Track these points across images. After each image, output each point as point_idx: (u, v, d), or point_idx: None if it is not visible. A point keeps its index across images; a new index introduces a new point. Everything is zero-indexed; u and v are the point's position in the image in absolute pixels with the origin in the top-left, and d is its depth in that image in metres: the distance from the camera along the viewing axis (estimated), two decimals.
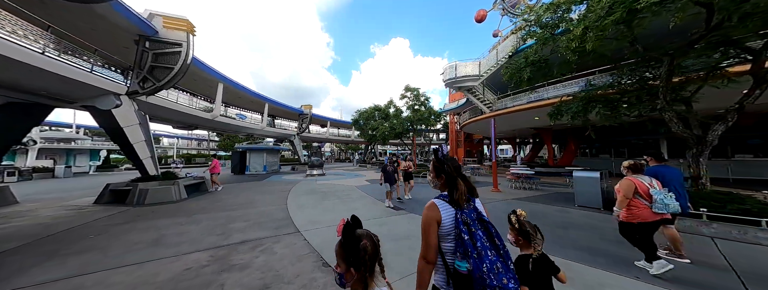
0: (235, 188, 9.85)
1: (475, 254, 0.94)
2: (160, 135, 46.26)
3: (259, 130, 19.67)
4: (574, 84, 8.91)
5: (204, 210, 5.78)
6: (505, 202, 6.30)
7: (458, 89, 12.51)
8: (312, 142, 36.60)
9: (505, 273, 0.94)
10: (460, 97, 28.03)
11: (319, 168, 14.82)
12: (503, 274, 0.93)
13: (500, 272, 0.93)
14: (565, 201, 6.12)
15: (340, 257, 0.89)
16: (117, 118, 7.27)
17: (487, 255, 0.94)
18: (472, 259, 0.94)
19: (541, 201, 6.21)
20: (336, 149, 52.94)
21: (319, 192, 8.41)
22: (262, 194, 8.08)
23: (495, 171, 7.60)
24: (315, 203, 6.53)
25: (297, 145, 24.98)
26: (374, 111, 24.83)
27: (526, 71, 5.74)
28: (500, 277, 0.92)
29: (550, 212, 5.14)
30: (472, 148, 26.93)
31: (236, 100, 18.66)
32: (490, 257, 0.94)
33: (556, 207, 5.58)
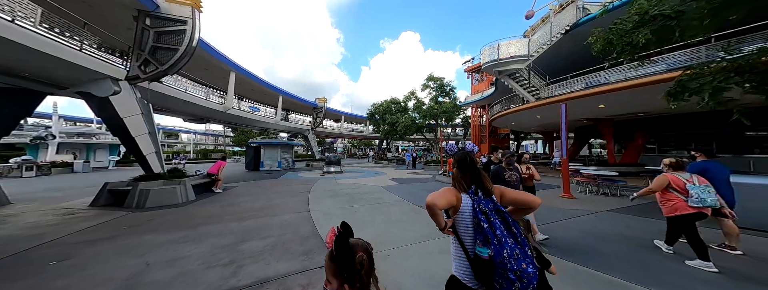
0: (250, 187, 8.82)
1: (495, 241, 0.98)
2: (178, 130, 47.26)
3: (273, 124, 18.77)
4: (662, 62, 7.00)
5: (212, 219, 4.65)
6: (595, 215, 4.70)
7: (500, 74, 10.75)
8: (325, 137, 35.77)
9: (523, 259, 0.97)
10: (484, 88, 25.84)
11: (336, 165, 13.66)
12: (522, 260, 0.97)
13: (519, 258, 0.97)
14: None
15: (331, 272, 0.81)
16: (116, 107, 6.28)
17: (507, 242, 0.98)
18: (493, 245, 0.98)
19: (647, 214, 4.59)
20: (348, 144, 52.11)
21: (343, 194, 7.17)
22: (279, 196, 6.94)
23: (566, 172, 5.99)
24: (344, 211, 5.27)
25: (312, 140, 24.05)
26: (391, 104, 23.38)
27: (641, 34, 4.04)
28: (519, 262, 0.96)
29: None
30: (497, 144, 24.89)
31: (249, 92, 17.76)
32: (510, 244, 0.99)
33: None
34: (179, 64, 6.95)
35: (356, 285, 0.78)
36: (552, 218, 4.41)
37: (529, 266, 0.95)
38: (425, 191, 7.76)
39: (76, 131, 21.38)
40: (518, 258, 0.96)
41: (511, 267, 0.94)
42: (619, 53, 4.45)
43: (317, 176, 12.48)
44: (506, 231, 1.01)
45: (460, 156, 1.23)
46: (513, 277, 0.93)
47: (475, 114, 26.63)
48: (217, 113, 13.03)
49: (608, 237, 3.57)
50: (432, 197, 1.08)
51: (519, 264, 0.94)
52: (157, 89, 8.16)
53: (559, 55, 10.46)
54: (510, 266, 0.94)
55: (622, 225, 4.09)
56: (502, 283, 0.95)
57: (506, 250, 0.96)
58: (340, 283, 0.79)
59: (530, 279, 0.94)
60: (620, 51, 4.38)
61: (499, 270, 0.95)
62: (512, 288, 0.94)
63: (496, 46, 10.11)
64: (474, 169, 1.17)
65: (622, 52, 4.48)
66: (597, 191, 6.40)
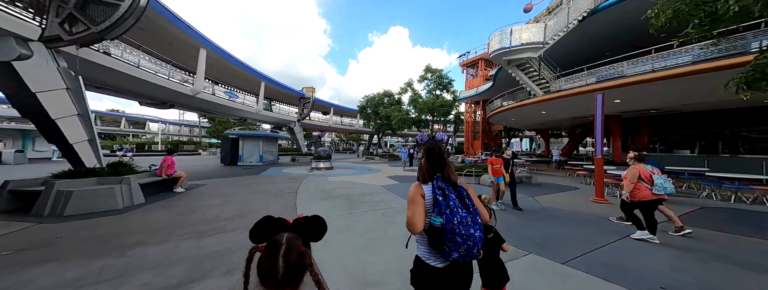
0: (223, 185, 7.32)
1: (447, 211, 1.10)
2: (145, 119, 42.62)
3: (254, 114, 16.85)
4: (683, 53, 6.42)
5: (158, 234, 3.29)
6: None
7: (508, 63, 9.89)
8: (312, 130, 33.85)
9: (473, 225, 1.09)
10: (479, 83, 25.29)
11: (326, 160, 12.31)
12: (471, 226, 1.08)
13: (468, 224, 1.08)
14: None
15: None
16: (23, 76, 4.54)
17: (458, 212, 1.09)
18: (445, 215, 1.09)
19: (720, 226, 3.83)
20: (337, 139, 50.23)
21: (338, 196, 5.97)
22: (259, 198, 5.60)
23: (600, 174, 5.21)
24: (345, 219, 4.11)
25: (298, 133, 22.25)
26: (384, 97, 22.13)
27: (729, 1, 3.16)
28: (468, 228, 1.07)
29: None
30: (489, 141, 24.61)
31: (226, 76, 15.65)
32: (461, 213, 1.10)
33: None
34: (120, 26, 5.23)
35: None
36: (603, 236, 3.44)
37: (477, 231, 1.09)
38: None
39: (5, 114, 17.91)
40: (467, 225, 1.07)
41: (459, 231, 1.06)
42: (697, 27, 3.57)
43: (305, 172, 11.09)
44: (459, 203, 1.13)
45: (430, 146, 1.29)
46: (460, 240, 1.05)
47: (469, 110, 26.14)
48: (183, 97, 11.07)
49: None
50: (409, 220, 1.14)
51: (467, 230, 1.06)
52: (94, 58, 6.32)
53: (569, 47, 9.78)
54: (458, 231, 1.06)
55: (734, 252, 3.02)
56: (451, 245, 1.06)
57: (456, 218, 1.08)
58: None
59: (476, 242, 1.07)
60: (698, 24, 3.51)
61: (449, 234, 1.07)
62: (460, 249, 1.05)
63: (509, 32, 9.19)
64: (441, 159, 1.25)
65: (699, 26, 3.60)
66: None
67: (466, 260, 1.09)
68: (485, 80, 25.26)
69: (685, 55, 6.43)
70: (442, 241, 1.08)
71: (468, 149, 25.06)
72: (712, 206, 4.87)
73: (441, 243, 1.09)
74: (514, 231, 3.62)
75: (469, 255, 1.06)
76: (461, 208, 1.11)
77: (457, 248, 1.05)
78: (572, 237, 3.40)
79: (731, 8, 3.10)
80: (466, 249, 1.04)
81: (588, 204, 5.16)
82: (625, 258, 2.73)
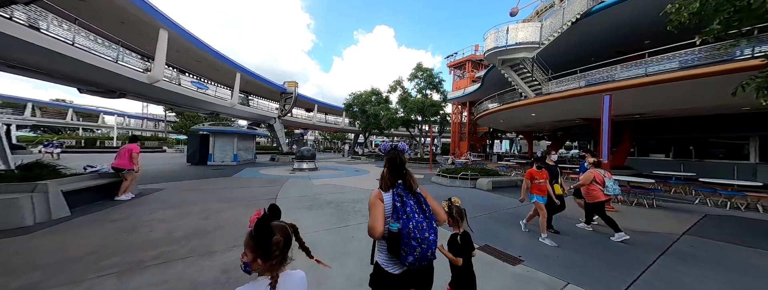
0: (184, 190, 6.15)
1: (404, 216, 1.17)
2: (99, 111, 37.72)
3: (228, 108, 15.25)
4: (673, 58, 6.53)
5: (66, 270, 2.32)
6: (687, 245, 3.59)
7: (503, 63, 9.68)
8: (294, 128, 32.13)
9: (428, 229, 1.17)
10: (466, 84, 25.47)
11: (310, 161, 11.34)
12: (426, 230, 1.16)
13: (424, 228, 1.16)
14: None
15: (248, 247, 0.88)
16: None
17: (415, 217, 1.17)
18: (402, 220, 1.16)
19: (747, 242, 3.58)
20: (320, 137, 48.48)
21: (325, 203, 5.19)
22: (228, 207, 4.64)
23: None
24: (335, 235, 3.39)
25: (278, 130, 20.76)
26: (371, 95, 21.39)
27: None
28: (423, 232, 1.15)
29: None
30: (475, 142, 24.91)
31: (193, 64, 13.94)
32: (417, 218, 1.17)
33: None
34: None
35: (271, 261, 0.86)
36: (639, 256, 3.12)
37: (431, 234, 1.17)
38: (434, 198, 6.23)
39: None
40: (423, 229, 1.15)
41: (414, 235, 1.13)
42: (724, 23, 3.31)
43: (285, 173, 10.05)
44: (417, 208, 1.21)
45: (392, 156, 1.34)
46: (414, 244, 1.12)
47: (456, 111, 26.27)
48: (138, 86, 9.46)
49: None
50: (370, 225, 1.18)
51: (422, 234, 1.14)
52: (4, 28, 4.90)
53: (557, 50, 9.80)
54: (413, 235, 1.13)
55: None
56: (407, 249, 1.13)
57: (412, 223, 1.15)
58: (255, 257, 0.86)
59: (430, 245, 1.15)
60: (725, 20, 3.25)
61: (405, 239, 1.13)
62: (414, 253, 1.12)
63: (505, 30, 8.94)
64: (402, 168, 1.31)
65: (726, 22, 3.33)
66: (626, 200, 5.59)
67: (422, 264, 1.16)
68: (472, 81, 25.52)
69: (690, 55, 6.51)
70: (399, 246, 1.15)
71: (454, 149, 25.14)
72: (715, 214, 4.76)
73: (398, 248, 1.15)
74: (539, 252, 3.13)
75: (424, 257, 1.14)
76: (418, 213, 1.20)
77: (412, 251, 1.12)
78: (607, 258, 2.97)
79: (767, 3, 2.84)
80: (421, 252, 1.12)
81: None
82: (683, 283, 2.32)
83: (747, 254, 3.13)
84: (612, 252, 3.14)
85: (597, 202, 3.62)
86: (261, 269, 0.87)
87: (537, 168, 3.47)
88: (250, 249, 0.87)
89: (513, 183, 7.93)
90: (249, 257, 0.86)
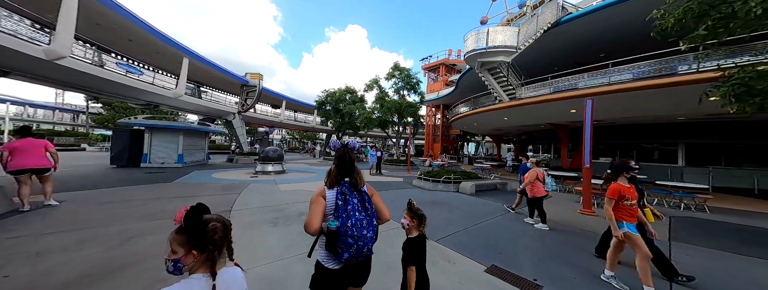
0: (99, 203, 4.53)
1: (344, 214, 1.19)
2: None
3: (172, 98, 12.76)
4: (627, 71, 7.22)
5: None
6: (684, 253, 3.61)
7: (482, 66, 9.77)
8: (258, 125, 29.15)
9: (367, 227, 1.20)
10: (440, 87, 26.06)
11: (277, 163, 9.99)
12: (365, 228, 1.19)
13: (363, 226, 1.19)
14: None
15: (176, 243, 0.81)
16: None
17: (355, 215, 1.20)
18: (341, 218, 1.18)
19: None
20: (288, 136, 45.13)
21: (295, 217, 4.28)
22: (152, 229, 3.41)
23: (589, 183, 5.05)
24: (308, 265, 2.54)
25: (238, 127, 18.33)
26: (346, 93, 20.39)
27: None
28: (361, 229, 1.18)
29: None
30: (448, 144, 25.61)
31: (124, 43, 11.27)
32: (358, 216, 1.20)
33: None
34: None
35: (209, 248, 0.81)
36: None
37: (369, 232, 1.20)
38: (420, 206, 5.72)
39: None
40: (361, 227, 1.18)
41: (351, 233, 1.15)
42: (711, 29, 3.39)
43: (246, 177, 8.60)
44: (359, 206, 1.24)
45: (341, 153, 1.35)
46: (351, 241, 1.15)
47: (430, 113, 26.71)
48: (30, 63, 7.07)
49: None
50: (307, 222, 1.19)
51: (360, 231, 1.17)
52: None
53: (524, 59, 10.29)
54: (350, 232, 1.15)
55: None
56: (343, 247, 1.16)
57: (351, 221, 1.17)
58: (188, 250, 0.80)
59: (366, 242, 1.18)
60: (712, 26, 3.33)
61: (342, 236, 1.16)
62: (350, 250, 1.15)
63: (485, 32, 9.00)
64: (351, 166, 1.33)
65: (713, 28, 3.42)
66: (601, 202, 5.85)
67: (358, 260, 1.21)
68: (445, 84, 26.25)
69: (624, 74, 7.21)
70: (336, 243, 1.17)
71: (428, 151, 25.50)
72: (676, 216, 5.02)
73: (335, 245, 1.17)
74: (557, 273, 2.77)
75: (360, 254, 1.18)
76: (359, 211, 1.23)
77: (347, 248, 1.16)
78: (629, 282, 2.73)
79: (753, 10, 2.92)
80: (356, 249, 1.16)
81: (579, 217, 4.89)
82: None
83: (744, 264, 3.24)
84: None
85: (538, 197, 4.14)
86: (196, 263, 0.81)
87: (625, 182, 2.39)
88: (179, 244, 0.80)
89: (493, 186, 7.92)
90: (179, 253, 0.80)
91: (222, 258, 0.86)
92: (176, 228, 0.82)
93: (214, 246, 0.82)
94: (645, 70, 6.75)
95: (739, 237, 3.94)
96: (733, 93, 3.36)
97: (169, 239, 0.82)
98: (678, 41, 3.78)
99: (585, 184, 5.02)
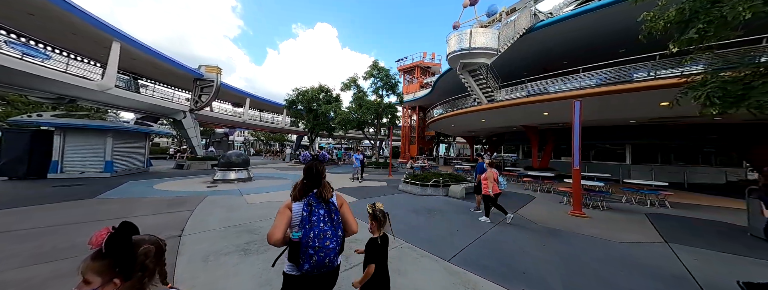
0: None
1: (307, 225, 1.21)
2: None
3: (96, 91, 10.18)
4: (593, 77, 7.83)
5: None
6: (685, 260, 3.58)
7: (464, 67, 9.78)
8: (215, 126, 25.79)
9: (331, 238, 1.22)
10: (415, 89, 26.31)
11: (241, 169, 8.55)
12: (328, 238, 1.22)
13: (326, 236, 1.21)
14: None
15: (92, 271, 0.66)
16: None
17: (319, 226, 1.22)
18: (304, 229, 1.21)
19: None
20: (252, 138, 41.06)
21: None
22: (45, 280, 2.21)
23: (579, 184, 5.08)
24: None
25: (189, 128, 15.70)
26: (319, 93, 19.10)
27: (745, 4, 3.01)
28: (324, 240, 1.20)
29: None
30: (424, 145, 25.90)
31: (25, 19, 8.61)
32: (322, 227, 1.22)
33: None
34: None
35: (138, 275, 0.71)
36: (636, 273, 2.81)
37: (332, 242, 1.22)
38: (416, 214, 5.19)
39: None
40: (324, 238, 1.20)
41: (313, 244, 1.18)
42: (701, 32, 3.48)
43: (201, 188, 7.11)
44: (325, 217, 1.25)
45: (309, 165, 1.37)
46: (311, 252, 1.18)
47: (406, 115, 26.74)
48: None
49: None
50: (269, 233, 1.20)
51: (322, 242, 1.19)
52: None
53: (502, 60, 10.67)
54: (312, 243, 1.18)
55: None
56: (304, 258, 1.18)
57: (313, 232, 1.19)
58: (108, 279, 0.68)
59: (328, 253, 1.20)
60: (701, 30, 3.42)
61: (303, 247, 1.18)
62: (310, 261, 1.18)
63: (468, 33, 8.99)
64: (318, 178, 1.35)
65: (702, 31, 3.51)
66: (587, 205, 5.99)
67: (320, 271, 1.22)
68: (421, 86, 26.61)
69: (591, 79, 7.81)
70: (298, 254, 1.19)
71: (404, 153, 25.44)
72: (649, 213, 5.21)
73: (297, 256, 1.20)
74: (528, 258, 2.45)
75: (321, 265, 1.20)
76: (325, 222, 1.24)
77: (308, 259, 1.18)
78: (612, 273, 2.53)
79: (742, 14, 3.01)
80: (317, 259, 1.18)
81: (568, 218, 4.88)
82: None
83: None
84: (607, 260, 2.79)
85: (494, 194, 4.49)
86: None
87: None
88: (97, 272, 0.66)
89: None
90: (94, 282, 0.65)
91: (153, 283, 0.74)
92: (92, 254, 0.67)
93: (145, 272, 0.71)
94: (609, 76, 7.31)
95: (718, 233, 4.15)
96: (715, 96, 3.51)
97: (81, 267, 0.66)
98: (666, 45, 3.94)
99: (575, 186, 5.06)
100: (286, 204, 1.29)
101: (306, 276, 1.21)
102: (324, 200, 1.29)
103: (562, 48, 10.16)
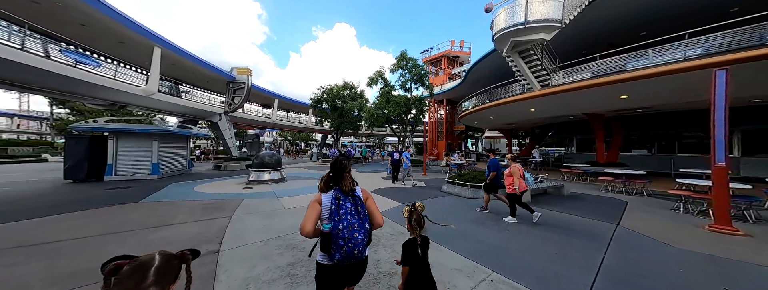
0: (17, 244, 2.77)
1: (337, 217, 1.27)
2: None
3: (141, 97, 10.71)
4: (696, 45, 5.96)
5: None
6: None
7: (514, 47, 8.34)
8: (247, 127, 26.93)
9: (359, 230, 1.29)
10: (442, 81, 24.70)
11: (274, 169, 8.29)
12: (356, 230, 1.28)
13: (355, 228, 1.28)
14: None
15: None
16: None
17: (347, 218, 1.28)
18: (333, 221, 1.27)
19: None
20: (279, 138, 42.74)
21: None
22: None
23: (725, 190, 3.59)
24: None
25: (225, 130, 16.30)
26: (344, 89, 18.68)
27: None
28: (352, 232, 1.27)
29: None
30: (452, 141, 24.36)
31: (78, 29, 9.19)
32: (350, 219, 1.28)
33: None
34: None
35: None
36: None
37: (360, 234, 1.29)
38: (485, 229, 4.25)
39: None
40: (353, 229, 1.27)
41: (343, 235, 1.25)
42: None
43: (237, 189, 6.91)
44: (353, 211, 1.32)
45: (333, 161, 1.46)
46: (341, 242, 1.25)
47: (432, 109, 25.32)
48: None
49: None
50: (301, 225, 1.30)
51: (351, 234, 1.26)
52: None
53: (558, 38, 8.91)
54: (342, 234, 1.25)
55: None
56: (334, 248, 1.26)
57: (343, 224, 1.26)
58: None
59: (356, 244, 1.27)
60: None
61: (334, 238, 1.25)
62: (341, 251, 1.25)
63: (523, 4, 7.46)
64: (341, 172, 1.41)
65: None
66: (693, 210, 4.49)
67: (350, 261, 1.29)
68: (448, 78, 24.95)
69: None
70: (329, 244, 1.27)
71: (432, 149, 24.13)
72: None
73: (328, 246, 1.27)
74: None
75: (350, 255, 1.27)
76: (352, 215, 1.30)
77: (338, 249, 1.25)
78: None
79: None
80: (347, 250, 1.25)
81: (714, 237, 3.47)
82: None
83: None
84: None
85: (519, 192, 4.06)
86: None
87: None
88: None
89: (543, 190, 6.57)
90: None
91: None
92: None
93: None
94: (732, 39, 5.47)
95: None
96: None
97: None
98: None
99: (719, 190, 3.63)
100: (315, 198, 1.37)
101: (338, 266, 1.30)
102: (349, 193, 1.36)
103: (643, 14, 8.18)
